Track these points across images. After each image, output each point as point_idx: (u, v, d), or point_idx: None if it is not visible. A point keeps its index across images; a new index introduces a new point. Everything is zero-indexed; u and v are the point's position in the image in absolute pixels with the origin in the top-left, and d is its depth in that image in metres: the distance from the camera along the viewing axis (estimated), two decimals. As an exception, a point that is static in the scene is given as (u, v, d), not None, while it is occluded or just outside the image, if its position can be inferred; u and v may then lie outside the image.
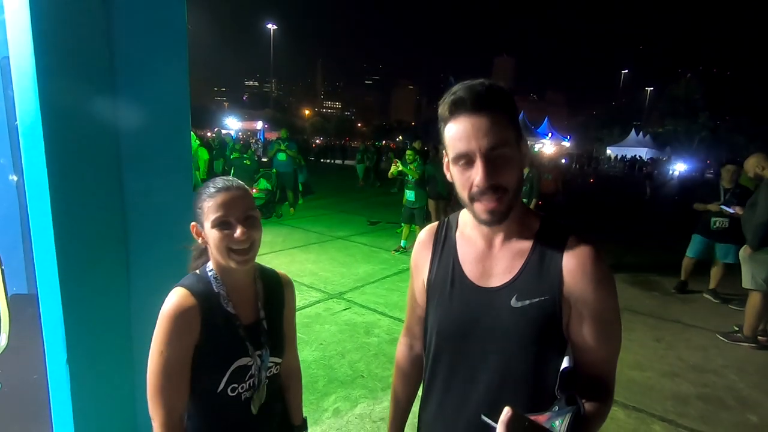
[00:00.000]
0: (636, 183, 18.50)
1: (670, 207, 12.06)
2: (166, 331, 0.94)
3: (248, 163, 7.66)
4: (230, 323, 1.00)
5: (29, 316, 1.23)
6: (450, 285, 0.92)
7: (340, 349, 3.31)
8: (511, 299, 0.85)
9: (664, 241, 7.81)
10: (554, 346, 0.85)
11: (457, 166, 0.83)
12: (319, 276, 5.00)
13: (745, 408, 2.81)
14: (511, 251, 0.88)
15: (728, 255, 4.54)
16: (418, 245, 1.03)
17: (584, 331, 0.83)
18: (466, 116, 0.79)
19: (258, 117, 37.84)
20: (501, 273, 0.87)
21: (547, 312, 0.83)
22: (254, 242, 0.99)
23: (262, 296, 1.08)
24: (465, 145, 0.79)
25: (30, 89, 1.08)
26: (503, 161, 0.80)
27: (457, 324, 0.91)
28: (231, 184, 0.98)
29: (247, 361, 1.01)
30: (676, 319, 4.30)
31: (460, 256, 0.93)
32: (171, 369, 0.95)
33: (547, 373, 0.85)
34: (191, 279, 1.02)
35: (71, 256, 1.17)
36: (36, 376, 1.25)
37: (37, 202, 1.13)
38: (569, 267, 0.83)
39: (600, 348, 0.85)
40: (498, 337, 0.86)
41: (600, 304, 0.82)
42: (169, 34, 1.31)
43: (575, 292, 0.82)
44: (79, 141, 1.19)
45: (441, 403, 0.97)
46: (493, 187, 0.80)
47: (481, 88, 0.80)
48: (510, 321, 0.84)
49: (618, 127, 47.90)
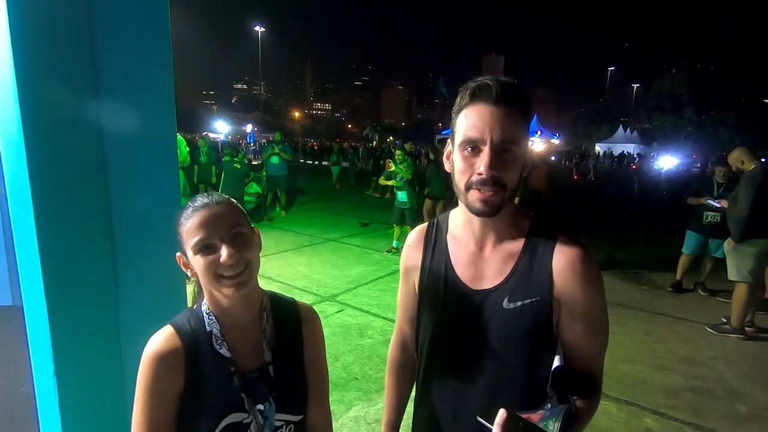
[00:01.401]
0: (624, 178, 18.72)
1: (659, 202, 12.22)
2: (146, 376, 0.81)
3: (238, 167, 7.61)
4: (221, 369, 0.83)
5: (14, 328, 1.20)
6: (443, 288, 0.92)
7: (333, 352, 3.31)
8: (504, 301, 0.86)
9: (653, 236, 7.92)
10: (546, 345, 0.87)
11: (463, 152, 0.83)
12: (311, 279, 4.98)
13: (733, 398, 2.86)
14: (502, 253, 0.89)
15: (719, 249, 4.60)
16: (407, 247, 1.03)
17: (574, 329, 0.85)
18: (486, 104, 0.80)
19: (247, 120, 37.59)
20: (493, 275, 0.88)
21: (539, 312, 0.85)
22: (249, 263, 0.82)
23: (270, 335, 0.90)
24: (478, 133, 0.80)
25: (9, 94, 1.06)
26: (509, 157, 0.81)
27: (452, 326, 0.92)
28: (210, 200, 0.82)
29: (242, 417, 0.83)
30: (665, 313, 4.36)
31: (452, 258, 0.93)
32: (151, 417, 0.81)
33: (540, 371, 0.87)
34: (183, 315, 0.88)
35: (56, 265, 1.15)
36: (23, 389, 1.23)
37: (20, 210, 1.11)
38: (559, 268, 0.84)
39: (589, 344, 0.87)
40: (492, 338, 0.87)
41: (589, 303, 0.84)
42: (153, 35, 1.28)
43: (565, 292, 0.84)
44: (61, 146, 1.17)
45: (436, 403, 0.97)
46: (494, 179, 0.80)
47: (506, 82, 0.81)
48: (503, 322, 0.86)
49: (606, 124, 48.43)
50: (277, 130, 10.09)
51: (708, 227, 4.65)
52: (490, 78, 0.82)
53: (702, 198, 4.62)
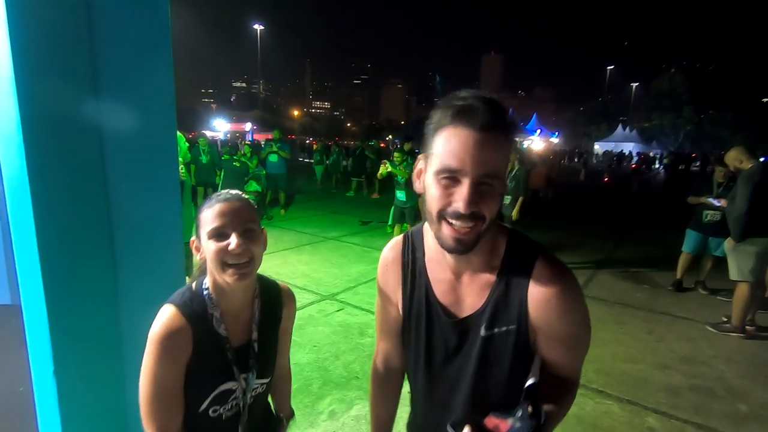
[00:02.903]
0: (624, 177, 18.72)
1: (658, 201, 12.23)
2: (156, 354, 0.91)
3: (238, 165, 7.59)
4: (220, 346, 0.97)
5: (13, 327, 1.19)
6: (426, 315, 0.92)
7: (334, 351, 3.29)
8: (481, 328, 0.86)
9: (653, 235, 7.92)
10: (523, 366, 0.87)
11: (439, 180, 0.75)
12: (311, 277, 4.97)
13: (734, 397, 2.86)
14: (479, 282, 0.87)
15: (719, 248, 4.60)
16: (385, 266, 1.00)
17: (553, 349, 0.86)
18: (472, 131, 0.71)
19: (246, 118, 37.51)
20: (471, 303, 0.88)
21: (514, 338, 0.85)
22: (253, 257, 0.93)
23: (257, 317, 1.04)
24: (458, 163, 0.72)
25: (8, 93, 1.05)
26: (490, 190, 0.74)
27: (436, 352, 0.93)
28: (232, 195, 0.95)
29: (232, 385, 0.99)
30: (666, 312, 4.35)
31: (432, 284, 0.92)
32: (163, 391, 0.92)
33: (517, 386, 0.87)
34: (184, 296, 0.96)
35: (55, 264, 1.14)
36: (22, 389, 1.22)
37: (19, 209, 1.10)
38: (534, 299, 0.82)
39: (569, 360, 0.89)
40: (471, 361, 0.88)
41: (566, 329, 0.84)
42: (153, 33, 1.27)
43: (541, 322, 0.83)
44: (60, 145, 1.15)
45: (422, 424, 1.04)
46: (473, 214, 0.74)
47: (493, 104, 0.73)
48: (481, 347, 0.86)
49: (605, 123, 48.47)
50: (276, 129, 10.06)
51: (708, 226, 4.64)
52: (476, 98, 0.74)
53: (701, 197, 4.62)
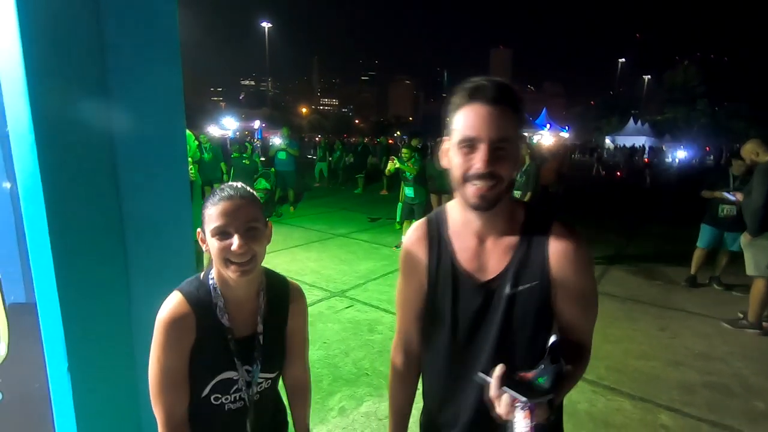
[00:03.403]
0: (637, 171, 18.46)
1: (671, 196, 12.03)
2: (162, 338, 0.95)
3: (247, 163, 7.63)
4: (221, 336, 0.99)
5: (28, 325, 1.21)
6: (452, 282, 0.98)
7: (343, 348, 3.31)
8: (506, 287, 0.94)
9: (666, 230, 7.80)
10: (545, 323, 0.97)
11: (460, 149, 0.88)
12: (321, 274, 4.99)
13: (751, 395, 2.81)
14: (502, 245, 0.96)
15: (735, 243, 4.51)
16: (409, 245, 1.05)
17: (569, 307, 0.95)
18: (482, 104, 0.85)
19: (255, 116, 37.70)
20: (495, 265, 0.96)
21: (537, 294, 0.93)
22: (255, 255, 0.95)
23: (263, 310, 1.05)
24: (474, 131, 0.85)
25: (20, 94, 1.06)
26: (504, 154, 0.86)
27: (462, 316, 0.98)
28: (236, 192, 0.94)
29: (232, 375, 1.00)
30: (680, 308, 4.29)
31: (457, 254, 0.98)
32: (169, 374, 0.96)
33: (540, 345, 0.93)
34: (192, 284, 1.01)
35: (68, 262, 1.16)
36: (37, 385, 1.24)
37: (32, 209, 1.12)
38: (554, 254, 0.93)
39: (582, 320, 0.98)
40: (497, 321, 0.95)
41: (582, 284, 0.95)
42: (161, 33, 1.28)
43: (560, 276, 0.93)
44: (72, 145, 1.17)
45: (448, 379, 1.04)
46: (490, 173, 0.86)
47: (501, 83, 0.87)
48: (506, 306, 0.94)
49: (616, 116, 47.73)
50: (284, 126, 10.09)
51: (724, 221, 4.54)
52: (486, 78, 0.87)
53: (716, 191, 4.53)
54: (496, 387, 0.81)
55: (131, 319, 1.33)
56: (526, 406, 0.78)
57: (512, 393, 0.79)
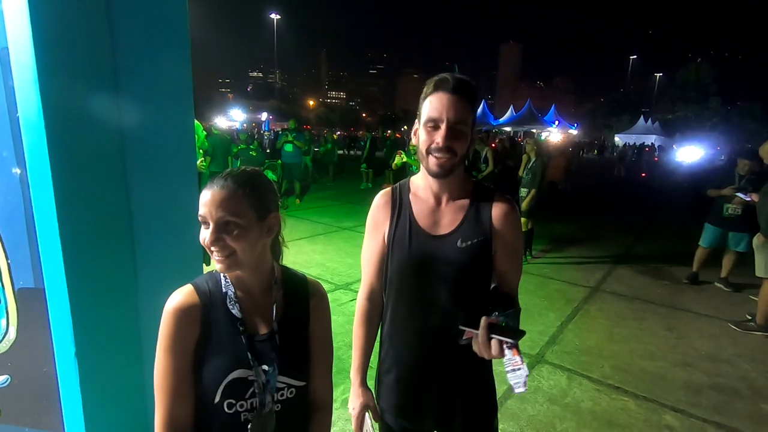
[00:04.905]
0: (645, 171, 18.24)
1: (679, 195, 11.89)
2: (167, 328, 0.90)
3: (254, 155, 7.64)
4: (233, 327, 0.91)
5: (37, 310, 1.22)
6: (408, 236, 1.17)
7: (347, 340, 3.31)
8: (457, 241, 1.14)
9: (673, 230, 7.71)
10: (487, 272, 1.18)
11: (426, 128, 1.09)
12: (326, 267, 5.00)
13: (758, 398, 2.78)
14: (455, 207, 1.17)
15: (741, 243, 4.46)
16: (376, 208, 1.25)
17: (504, 259, 1.17)
18: (445, 93, 1.06)
19: (263, 108, 37.70)
20: (448, 223, 1.16)
21: (483, 248, 1.15)
22: (234, 252, 0.87)
23: (279, 305, 0.98)
24: (437, 114, 1.07)
25: (30, 80, 1.06)
26: (459, 133, 1.08)
27: (417, 264, 1.16)
28: (223, 182, 0.88)
29: (247, 374, 0.90)
30: (687, 308, 4.25)
31: (415, 213, 1.19)
32: (171, 368, 0.90)
33: (482, 290, 1.18)
34: (203, 277, 0.96)
35: (77, 248, 1.16)
36: (45, 369, 1.25)
37: (41, 195, 1.12)
38: (496, 216, 1.15)
39: (514, 271, 1.20)
40: (449, 270, 1.14)
41: (515, 240, 1.18)
42: (171, 25, 1.28)
43: (500, 233, 1.15)
44: (81, 132, 1.17)
45: (405, 323, 1.22)
46: (447, 147, 1.07)
47: (461, 78, 1.08)
48: (457, 257, 1.14)
49: (627, 114, 47.13)
50: (292, 119, 10.08)
51: (728, 220, 4.50)
52: (449, 74, 1.09)
53: (723, 190, 4.48)
54: (484, 335, 0.95)
55: (138, 306, 1.34)
56: (513, 345, 0.94)
57: (500, 337, 0.95)
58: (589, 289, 4.67)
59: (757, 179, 4.32)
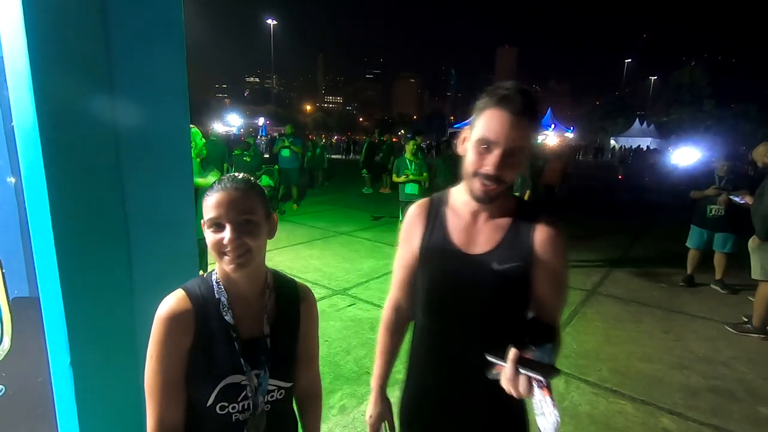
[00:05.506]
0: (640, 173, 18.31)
1: (674, 197, 11.95)
2: (158, 334, 0.90)
3: (248, 160, 7.62)
4: (226, 334, 0.92)
5: (31, 319, 1.21)
6: (441, 252, 1.09)
7: (345, 346, 3.31)
8: (493, 263, 1.04)
9: (670, 232, 7.75)
10: (523, 299, 1.07)
11: (477, 147, 0.98)
12: (323, 272, 4.99)
13: (755, 400, 2.79)
14: (494, 225, 1.07)
15: (726, 245, 4.52)
16: (411, 218, 1.17)
17: (545, 288, 1.05)
18: (506, 113, 0.93)
19: (260, 113, 37.72)
20: (484, 242, 1.06)
21: (520, 273, 1.03)
22: (250, 249, 0.89)
23: (270, 311, 0.98)
24: (494, 136, 0.95)
25: (25, 88, 1.06)
26: (514, 162, 0.97)
27: (449, 284, 1.09)
28: (233, 184, 0.89)
29: (240, 379, 0.92)
30: (683, 311, 4.26)
31: (450, 228, 1.10)
32: (163, 374, 0.90)
33: (516, 319, 1.07)
34: (195, 282, 0.96)
35: (72, 257, 1.16)
36: (40, 379, 1.24)
37: (36, 203, 1.12)
38: (540, 240, 1.03)
39: (556, 300, 1.08)
40: (482, 293, 1.05)
41: (559, 269, 1.05)
42: (166, 29, 1.28)
43: (542, 260, 1.03)
44: (77, 140, 1.17)
45: (432, 346, 1.15)
46: (497, 177, 0.97)
47: (528, 96, 0.95)
48: (492, 280, 1.04)
49: (622, 117, 47.41)
50: (288, 123, 10.07)
51: (711, 221, 4.56)
52: (515, 88, 0.95)
53: (706, 191, 4.56)
54: (513, 369, 0.84)
55: (134, 315, 1.33)
56: (543, 383, 0.83)
57: (530, 373, 0.83)
58: (585, 292, 4.68)
59: (736, 179, 4.41)
